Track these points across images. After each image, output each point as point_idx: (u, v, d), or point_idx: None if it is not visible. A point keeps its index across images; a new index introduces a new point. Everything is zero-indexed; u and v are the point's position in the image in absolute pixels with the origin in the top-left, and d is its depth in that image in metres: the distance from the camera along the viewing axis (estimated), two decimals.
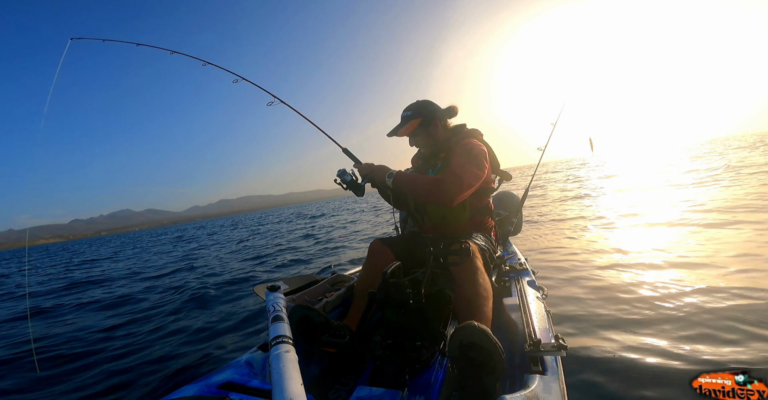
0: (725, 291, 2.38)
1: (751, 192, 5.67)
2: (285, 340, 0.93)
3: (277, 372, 0.80)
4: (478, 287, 1.25)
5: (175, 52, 2.17)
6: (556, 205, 8.01)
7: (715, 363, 1.61)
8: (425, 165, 1.75)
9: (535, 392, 0.88)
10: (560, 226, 5.48)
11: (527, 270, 1.87)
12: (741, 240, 3.44)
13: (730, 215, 4.39)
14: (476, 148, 1.58)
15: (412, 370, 1.14)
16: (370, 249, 1.58)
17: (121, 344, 2.96)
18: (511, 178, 1.91)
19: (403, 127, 1.66)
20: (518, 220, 2.55)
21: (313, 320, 1.30)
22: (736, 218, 4.22)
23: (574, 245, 4.18)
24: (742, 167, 9.44)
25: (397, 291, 1.12)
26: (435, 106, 1.70)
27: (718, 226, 4.03)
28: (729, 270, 2.76)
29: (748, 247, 3.21)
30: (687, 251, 3.38)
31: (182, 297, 4.28)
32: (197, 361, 2.36)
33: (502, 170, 1.86)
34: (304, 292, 1.68)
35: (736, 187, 6.38)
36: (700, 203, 5.43)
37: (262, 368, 1.17)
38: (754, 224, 3.84)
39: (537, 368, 1.01)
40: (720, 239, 3.59)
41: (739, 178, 7.47)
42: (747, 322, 1.95)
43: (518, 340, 1.21)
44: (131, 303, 4.52)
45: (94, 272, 8.94)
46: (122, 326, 3.49)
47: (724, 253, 3.14)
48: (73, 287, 6.72)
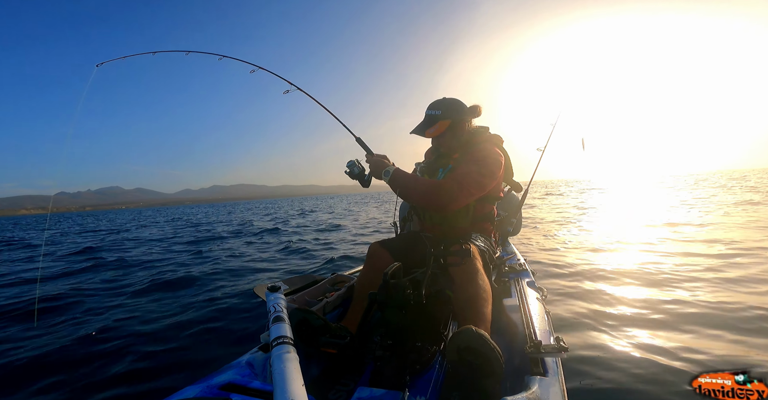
0: (725, 291, 2.38)
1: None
2: (286, 341, 0.93)
3: (278, 373, 0.80)
4: (478, 289, 1.25)
5: (191, 51, 2.15)
6: (551, 208, 8.02)
7: (715, 363, 1.61)
8: (437, 163, 1.70)
9: (536, 393, 0.88)
10: (558, 226, 5.49)
11: (527, 271, 1.87)
12: (740, 239, 3.45)
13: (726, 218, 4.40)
14: (492, 155, 1.51)
15: (413, 370, 1.14)
16: (369, 251, 1.58)
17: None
18: (521, 190, 1.87)
19: (432, 127, 1.57)
20: (518, 220, 2.54)
21: (311, 323, 1.30)
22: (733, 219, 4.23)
23: (573, 246, 4.19)
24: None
25: (397, 292, 1.12)
26: (464, 107, 1.61)
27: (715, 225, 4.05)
28: (728, 270, 2.77)
29: (746, 242, 3.22)
30: (687, 250, 3.38)
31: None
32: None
33: (514, 181, 1.80)
34: (305, 292, 1.68)
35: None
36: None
37: (263, 369, 1.17)
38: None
39: (538, 369, 1.01)
40: (718, 239, 3.59)
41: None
42: (747, 322, 1.96)
43: (518, 341, 1.21)
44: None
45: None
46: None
47: (723, 253, 3.15)
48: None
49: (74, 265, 5.55)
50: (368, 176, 1.61)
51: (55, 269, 5.30)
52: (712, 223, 4.46)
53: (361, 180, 1.61)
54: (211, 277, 4.09)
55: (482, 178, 1.46)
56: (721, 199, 8.48)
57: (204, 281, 3.89)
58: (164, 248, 7.32)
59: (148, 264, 5.28)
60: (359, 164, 1.61)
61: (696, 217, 4.99)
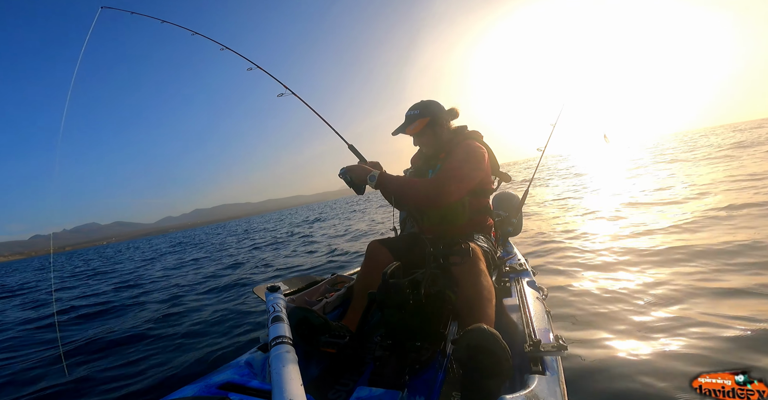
0: (725, 291, 2.38)
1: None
2: (285, 340, 0.93)
3: (277, 372, 0.80)
4: (482, 289, 1.25)
5: (196, 33, 2.12)
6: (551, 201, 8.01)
7: (715, 363, 1.61)
8: (425, 165, 1.75)
9: (536, 392, 0.88)
10: (558, 222, 5.48)
11: (527, 271, 1.87)
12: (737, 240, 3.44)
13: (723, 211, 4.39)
14: (474, 150, 1.58)
15: (412, 370, 1.14)
16: (368, 250, 1.58)
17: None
18: (510, 180, 1.91)
19: (411, 125, 1.64)
20: (518, 220, 2.55)
21: (311, 322, 1.30)
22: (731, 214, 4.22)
23: (571, 245, 4.19)
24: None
25: (397, 291, 1.12)
26: (441, 107, 1.70)
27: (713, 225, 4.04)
28: (729, 269, 2.76)
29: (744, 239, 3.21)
30: (686, 252, 3.38)
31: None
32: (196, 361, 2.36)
33: (501, 172, 1.86)
34: (304, 292, 1.68)
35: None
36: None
37: (262, 369, 1.17)
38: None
39: (537, 368, 1.01)
40: (718, 239, 3.59)
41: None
42: (748, 321, 1.95)
43: (518, 340, 1.21)
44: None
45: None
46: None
47: (724, 251, 3.15)
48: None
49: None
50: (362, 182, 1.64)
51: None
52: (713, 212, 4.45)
53: (356, 188, 1.62)
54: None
55: (469, 170, 1.51)
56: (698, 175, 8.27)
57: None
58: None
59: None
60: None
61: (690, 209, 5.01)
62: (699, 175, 7.65)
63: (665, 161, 12.30)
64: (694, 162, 10.41)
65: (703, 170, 8.25)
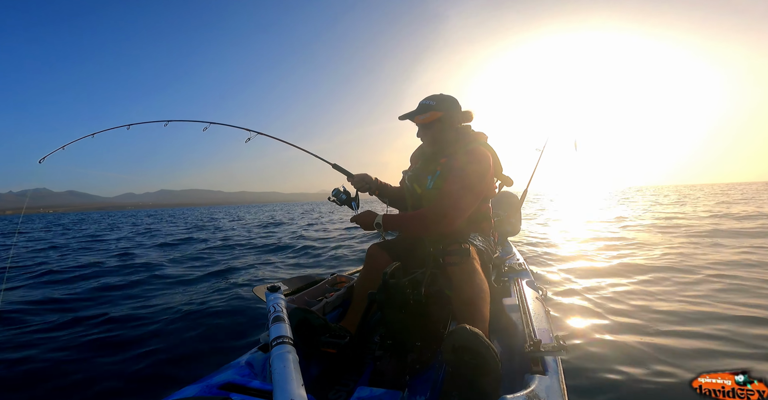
0: (725, 291, 2.38)
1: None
2: (286, 340, 0.93)
3: (277, 373, 0.80)
4: (476, 289, 1.25)
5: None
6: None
7: (717, 363, 1.61)
8: (424, 171, 1.68)
9: (536, 392, 0.88)
10: (559, 225, 5.49)
11: (526, 270, 1.87)
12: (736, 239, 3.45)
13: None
14: (476, 163, 1.51)
15: (413, 370, 1.14)
16: (368, 253, 1.58)
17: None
18: (512, 184, 1.87)
19: (423, 114, 1.58)
20: (516, 220, 2.55)
21: (311, 323, 1.30)
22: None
23: (571, 245, 4.20)
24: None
25: (397, 292, 1.12)
26: (458, 106, 1.63)
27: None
28: (730, 268, 2.77)
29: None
30: (686, 251, 3.39)
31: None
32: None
33: (504, 175, 1.79)
34: (304, 292, 1.68)
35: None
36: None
37: (262, 369, 1.17)
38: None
39: (537, 368, 1.01)
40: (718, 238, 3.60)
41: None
42: (747, 321, 1.96)
43: (518, 340, 1.21)
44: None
45: None
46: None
47: (722, 251, 3.16)
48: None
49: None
50: (356, 198, 1.64)
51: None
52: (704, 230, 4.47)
53: (350, 205, 1.63)
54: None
55: (472, 199, 1.47)
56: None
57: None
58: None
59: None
60: (344, 190, 1.64)
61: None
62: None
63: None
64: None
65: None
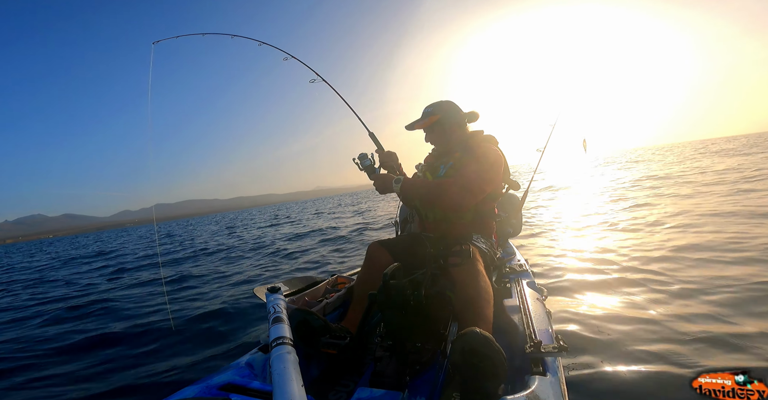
0: (724, 291, 2.38)
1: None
2: (286, 341, 0.93)
3: (277, 373, 0.80)
4: (480, 290, 1.25)
5: (236, 35, 2.27)
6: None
7: (717, 362, 1.61)
8: (437, 161, 1.79)
9: (536, 393, 0.88)
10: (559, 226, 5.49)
11: (527, 271, 1.87)
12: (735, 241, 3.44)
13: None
14: (492, 154, 1.61)
15: (413, 371, 1.14)
16: (368, 251, 1.58)
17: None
18: (519, 188, 1.90)
19: (423, 120, 1.74)
20: (518, 221, 2.54)
21: (311, 324, 1.30)
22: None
23: (572, 247, 4.19)
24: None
25: (397, 292, 1.12)
26: (455, 108, 1.76)
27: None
28: (729, 269, 2.76)
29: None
30: (685, 252, 3.38)
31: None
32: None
33: (511, 179, 1.85)
34: (305, 293, 1.68)
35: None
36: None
37: (262, 370, 1.17)
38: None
39: (538, 369, 1.01)
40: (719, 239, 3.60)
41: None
42: (748, 322, 1.95)
43: (519, 341, 1.21)
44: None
45: None
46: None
47: (724, 250, 3.15)
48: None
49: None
50: (378, 170, 1.69)
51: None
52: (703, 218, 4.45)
53: (369, 173, 1.68)
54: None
55: (486, 178, 1.55)
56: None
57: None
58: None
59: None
60: (372, 158, 1.70)
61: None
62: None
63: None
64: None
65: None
